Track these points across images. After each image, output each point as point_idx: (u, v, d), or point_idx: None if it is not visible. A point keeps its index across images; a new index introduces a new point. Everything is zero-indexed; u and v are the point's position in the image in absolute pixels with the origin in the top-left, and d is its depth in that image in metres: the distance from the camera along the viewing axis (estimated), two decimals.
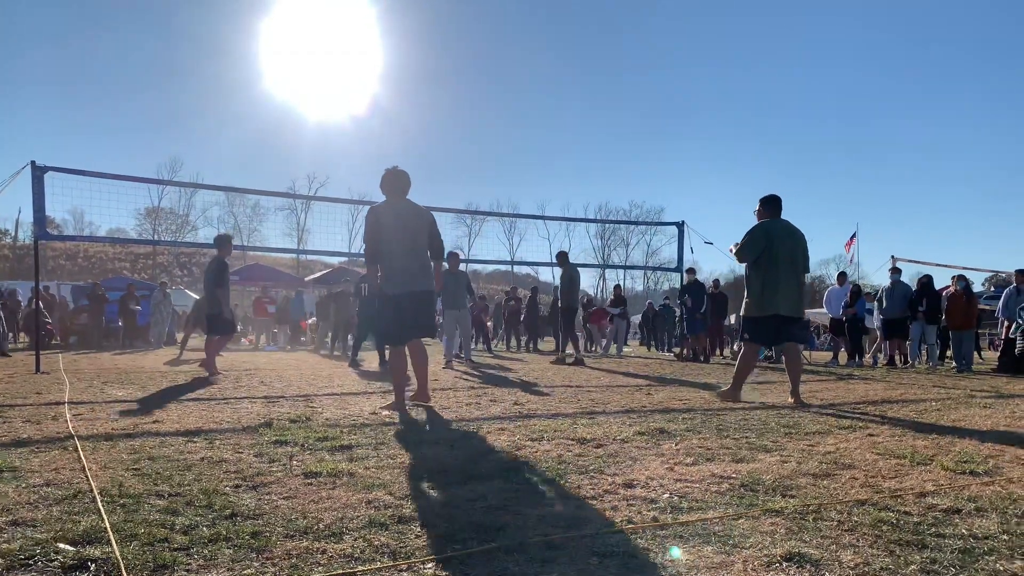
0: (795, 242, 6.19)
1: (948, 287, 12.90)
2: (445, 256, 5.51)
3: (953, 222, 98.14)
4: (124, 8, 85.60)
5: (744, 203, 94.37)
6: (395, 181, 5.43)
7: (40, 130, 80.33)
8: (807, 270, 6.34)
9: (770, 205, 6.36)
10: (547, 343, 21.53)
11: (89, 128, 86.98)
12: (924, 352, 13.41)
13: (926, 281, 13.14)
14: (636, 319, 28.40)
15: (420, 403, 5.53)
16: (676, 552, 2.09)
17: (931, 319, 12.66)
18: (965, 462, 3.40)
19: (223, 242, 8.94)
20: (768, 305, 6.07)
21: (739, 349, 15.33)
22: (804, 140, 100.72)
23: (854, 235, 25.36)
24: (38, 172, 9.03)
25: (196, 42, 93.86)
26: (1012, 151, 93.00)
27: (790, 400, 6.07)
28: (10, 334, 16.18)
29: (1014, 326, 11.49)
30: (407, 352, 5.51)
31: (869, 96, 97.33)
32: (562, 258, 12.24)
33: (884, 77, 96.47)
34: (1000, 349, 11.98)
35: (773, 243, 6.07)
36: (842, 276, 15.04)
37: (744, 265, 6.33)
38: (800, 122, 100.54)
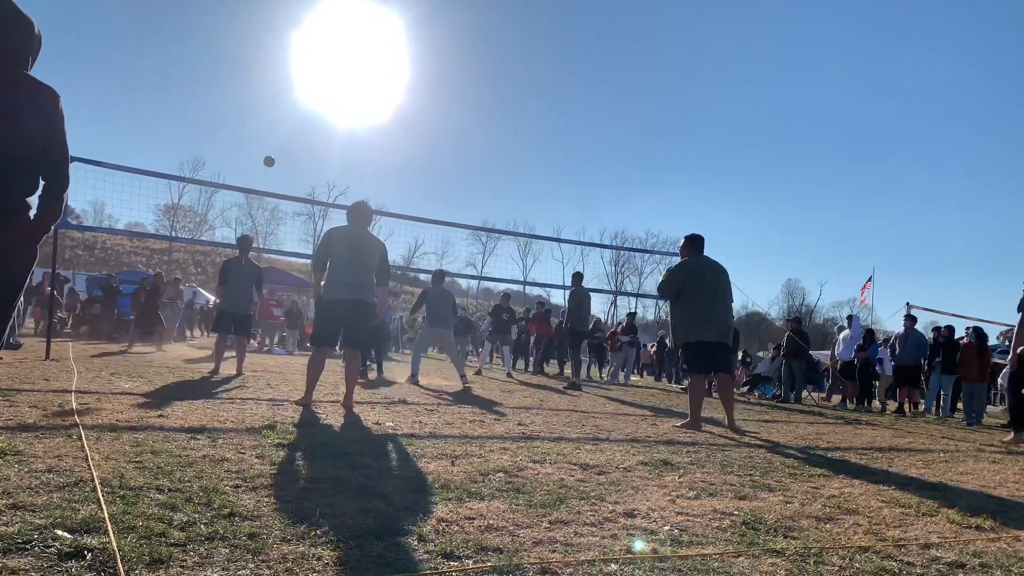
0: (718, 275, 6.66)
1: (962, 338, 12.77)
2: (389, 275, 6.48)
3: (970, 274, 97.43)
4: (160, 15, 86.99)
5: (760, 242, 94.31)
6: (357, 211, 6.24)
7: (69, 124, 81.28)
8: (731, 300, 6.86)
9: (693, 244, 6.85)
10: (551, 366, 21.45)
11: (116, 125, 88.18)
12: (937, 403, 13.25)
13: (947, 333, 12.98)
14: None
15: (344, 407, 5.84)
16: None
17: (948, 370, 12.52)
18: (971, 516, 3.34)
19: (240, 243, 9.20)
20: (697, 332, 6.48)
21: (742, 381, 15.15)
22: (824, 181, 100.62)
23: (870, 279, 25.24)
24: None
25: (227, 52, 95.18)
26: None
27: (727, 430, 6.41)
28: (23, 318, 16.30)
29: None
30: (350, 357, 6.12)
31: (894, 140, 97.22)
32: (575, 279, 12.25)
33: (910, 123, 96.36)
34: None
35: (696, 277, 6.55)
36: (849, 319, 14.92)
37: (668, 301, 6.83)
38: (821, 162, 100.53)
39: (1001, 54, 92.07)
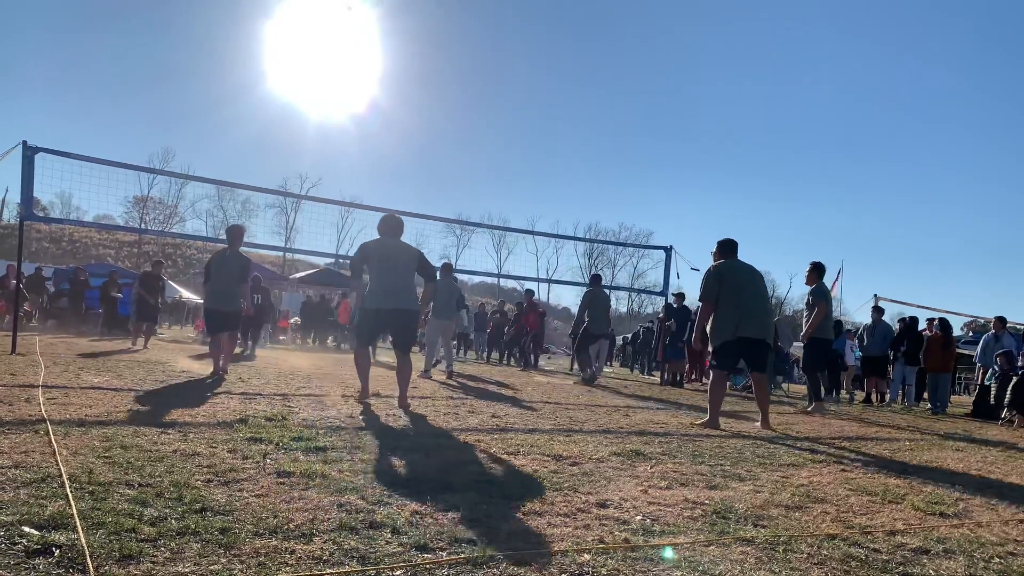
0: (754, 276, 6.69)
1: (924, 329, 13.02)
2: (436, 271, 6.83)
3: (936, 266, 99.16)
4: (128, 8, 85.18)
5: (729, 234, 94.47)
6: (387, 224, 6.57)
7: (35, 117, 79.00)
8: (769, 301, 6.87)
9: (726, 248, 6.79)
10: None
11: (87, 119, 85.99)
12: (901, 392, 13.51)
13: (910, 323, 13.22)
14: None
15: (401, 408, 5.88)
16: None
17: (911, 360, 12.74)
18: (935, 503, 3.42)
19: (228, 233, 8.75)
20: (735, 329, 6.38)
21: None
22: (793, 174, 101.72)
23: (839, 272, 25.55)
24: (29, 152, 8.96)
25: (197, 43, 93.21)
26: (999, 202, 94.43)
27: (759, 428, 6.38)
28: None
29: (989, 372, 11.60)
30: (382, 356, 6.34)
31: (863, 134, 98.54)
32: (593, 280, 12.93)
33: (878, 117, 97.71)
34: (975, 394, 12.10)
35: (730, 277, 6.49)
36: None
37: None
38: (790, 155, 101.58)
39: (976, 53, 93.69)
